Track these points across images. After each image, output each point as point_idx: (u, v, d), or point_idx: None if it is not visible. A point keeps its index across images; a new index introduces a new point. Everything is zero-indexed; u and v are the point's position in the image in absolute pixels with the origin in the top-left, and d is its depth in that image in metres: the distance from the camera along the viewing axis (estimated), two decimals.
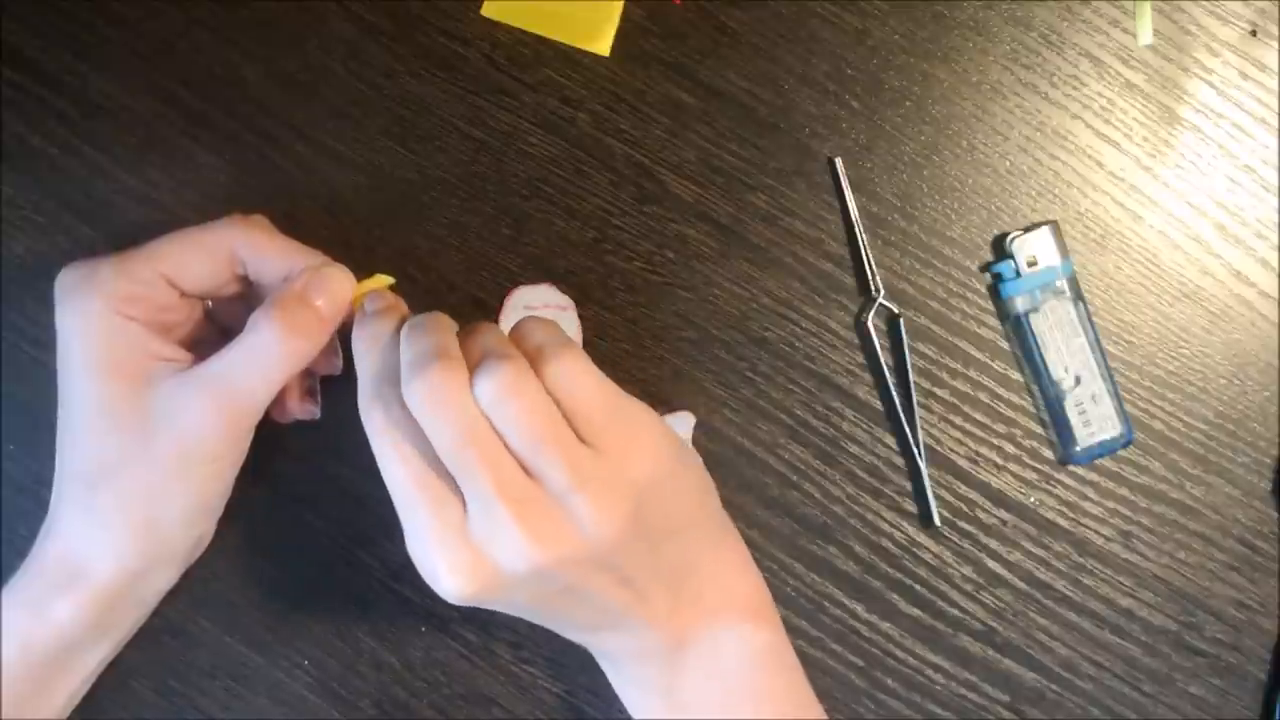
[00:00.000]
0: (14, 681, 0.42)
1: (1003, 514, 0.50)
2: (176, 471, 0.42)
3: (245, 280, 0.45)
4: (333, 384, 0.48)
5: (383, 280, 0.43)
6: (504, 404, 0.37)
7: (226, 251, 0.44)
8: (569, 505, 0.37)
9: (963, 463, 0.50)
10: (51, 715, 0.44)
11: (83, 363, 0.42)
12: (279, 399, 0.46)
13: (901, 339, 0.49)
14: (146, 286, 0.43)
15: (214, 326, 0.47)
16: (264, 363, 0.41)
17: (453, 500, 0.37)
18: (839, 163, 0.50)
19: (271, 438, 0.44)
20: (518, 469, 0.37)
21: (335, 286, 0.42)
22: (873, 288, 0.49)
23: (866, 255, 0.49)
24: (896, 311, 0.49)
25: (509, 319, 0.49)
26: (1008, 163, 0.50)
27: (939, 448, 0.50)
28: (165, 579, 0.45)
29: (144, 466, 0.41)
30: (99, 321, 0.42)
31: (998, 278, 0.50)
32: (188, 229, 0.44)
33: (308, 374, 0.47)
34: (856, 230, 0.49)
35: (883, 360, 0.49)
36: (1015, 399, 0.50)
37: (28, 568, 0.43)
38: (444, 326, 0.39)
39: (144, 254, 0.43)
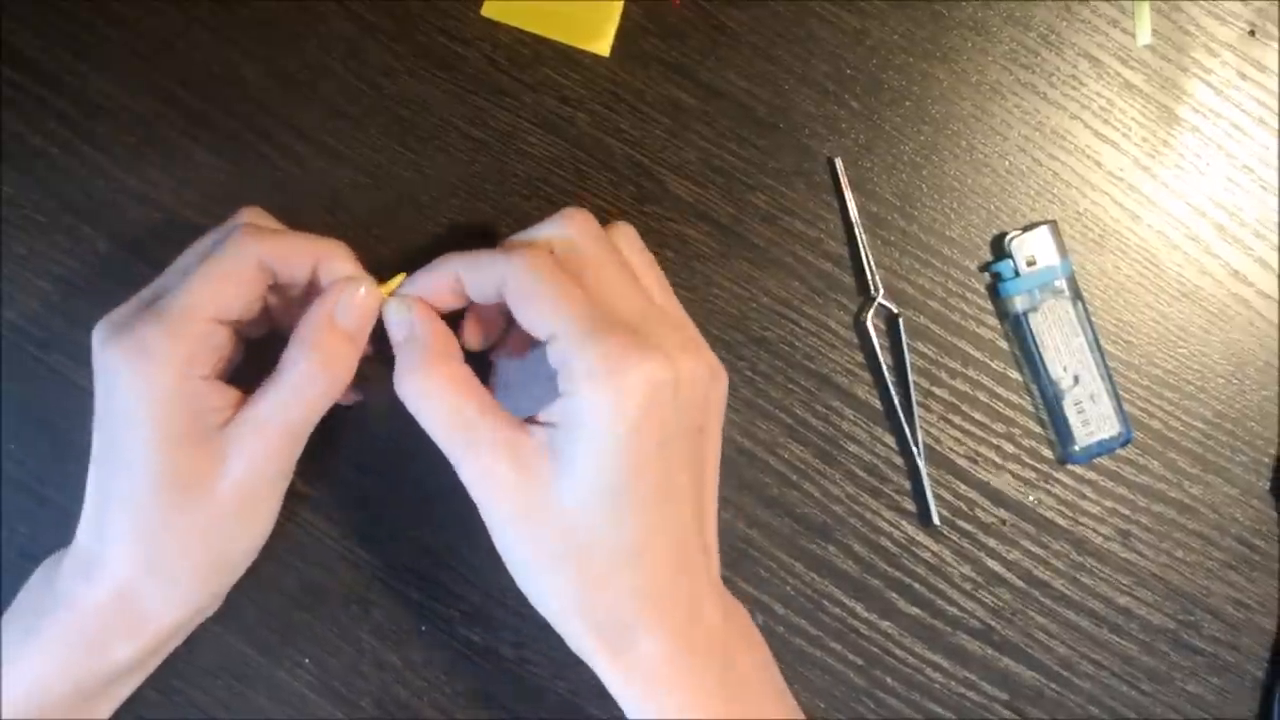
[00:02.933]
0: (62, 713, 0.41)
1: (1002, 513, 0.50)
2: (238, 513, 0.42)
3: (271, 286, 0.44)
4: None
5: (401, 279, 0.44)
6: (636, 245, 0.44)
7: (257, 270, 0.42)
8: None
9: (962, 462, 0.50)
10: None
11: (148, 438, 0.40)
12: None
13: (901, 338, 0.49)
14: (203, 341, 0.41)
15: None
16: (309, 399, 0.42)
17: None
18: (839, 163, 0.50)
19: None
20: None
21: (364, 306, 0.42)
22: (872, 287, 0.50)
23: (866, 255, 0.50)
24: (896, 311, 0.50)
25: None
26: (1007, 163, 0.50)
27: (938, 447, 0.50)
28: (218, 605, 0.46)
29: (208, 518, 0.41)
30: (167, 395, 0.40)
31: (997, 277, 0.50)
32: (209, 262, 0.42)
33: None
34: (856, 230, 0.50)
35: (882, 360, 0.49)
36: (1014, 398, 0.50)
37: (78, 604, 0.41)
38: None
39: (187, 306, 0.41)
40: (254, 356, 0.45)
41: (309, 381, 0.41)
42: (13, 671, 0.41)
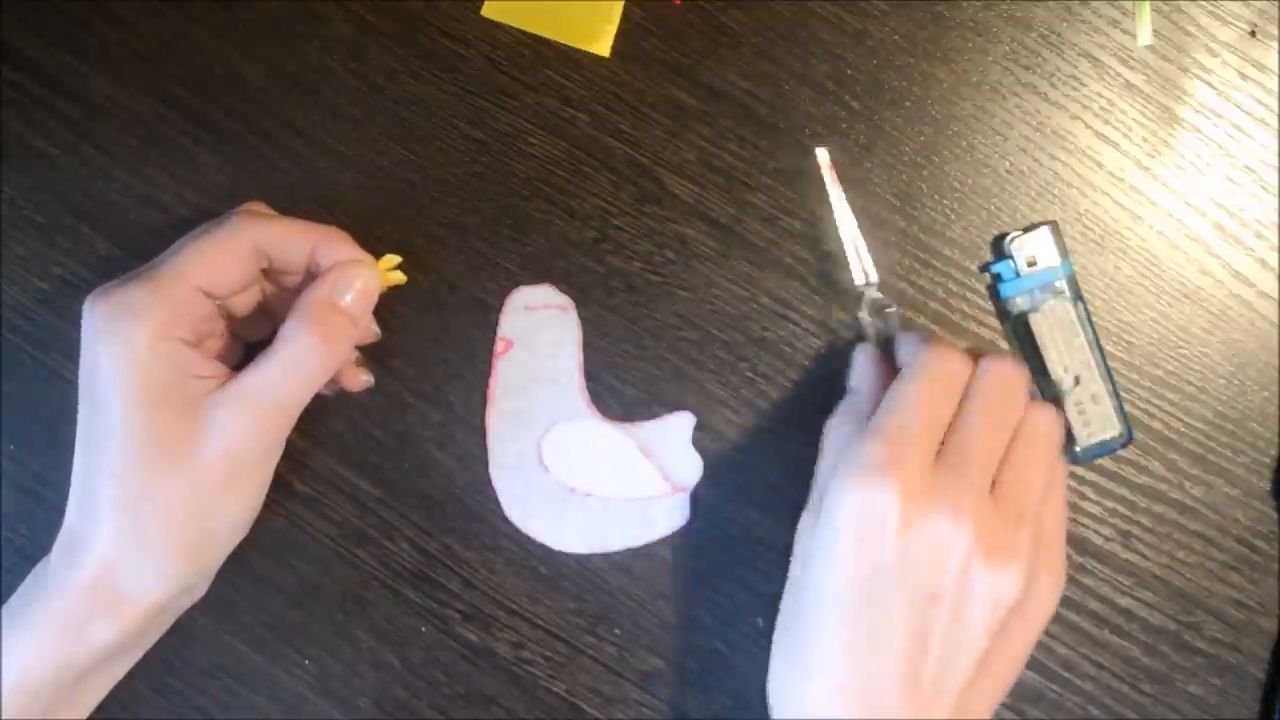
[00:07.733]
0: (46, 699, 0.41)
1: None
2: (223, 487, 0.42)
3: (265, 271, 0.45)
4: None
5: (391, 260, 0.46)
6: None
7: (251, 250, 0.43)
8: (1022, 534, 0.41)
9: None
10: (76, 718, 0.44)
11: (128, 396, 0.40)
12: (334, 378, 0.46)
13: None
14: (186, 306, 0.42)
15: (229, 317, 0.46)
16: (302, 374, 0.42)
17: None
18: (823, 153, 0.48)
19: None
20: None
21: (363, 284, 0.43)
22: (864, 279, 0.48)
23: (854, 250, 0.48)
24: (896, 310, 0.49)
25: (509, 319, 0.49)
26: (1007, 163, 0.50)
27: None
28: (202, 591, 0.46)
29: (191, 487, 0.41)
30: (146, 353, 0.40)
31: (997, 278, 0.50)
32: (204, 237, 0.43)
33: None
34: (840, 224, 0.48)
35: None
36: None
37: (62, 585, 0.41)
38: None
39: (174, 272, 0.42)
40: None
41: (305, 355, 0.41)
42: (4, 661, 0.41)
